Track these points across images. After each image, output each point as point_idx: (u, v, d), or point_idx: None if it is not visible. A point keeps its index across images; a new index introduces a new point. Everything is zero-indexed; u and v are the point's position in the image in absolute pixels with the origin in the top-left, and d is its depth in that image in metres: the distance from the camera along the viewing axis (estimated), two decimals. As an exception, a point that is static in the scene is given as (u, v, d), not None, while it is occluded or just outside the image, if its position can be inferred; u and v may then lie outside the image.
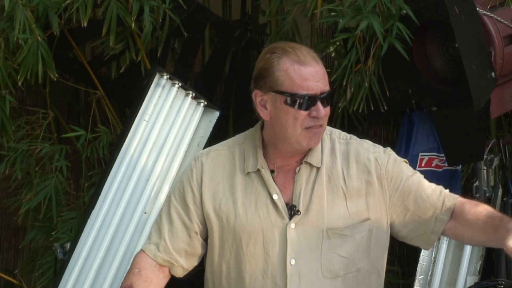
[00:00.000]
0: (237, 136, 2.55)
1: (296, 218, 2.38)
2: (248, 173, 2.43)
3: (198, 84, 4.13)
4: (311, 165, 2.42)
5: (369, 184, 2.42)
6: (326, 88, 2.38)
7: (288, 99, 2.35)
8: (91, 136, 3.83)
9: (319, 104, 2.35)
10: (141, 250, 2.51)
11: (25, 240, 4.14)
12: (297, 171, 2.42)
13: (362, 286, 2.43)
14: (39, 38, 3.56)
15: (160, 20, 3.77)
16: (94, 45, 4.21)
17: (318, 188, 2.40)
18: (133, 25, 3.67)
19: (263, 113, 2.41)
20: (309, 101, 2.34)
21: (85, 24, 3.64)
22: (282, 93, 2.35)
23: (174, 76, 3.48)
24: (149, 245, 2.49)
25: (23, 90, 3.94)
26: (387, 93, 3.64)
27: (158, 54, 3.89)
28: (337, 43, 3.79)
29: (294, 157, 2.44)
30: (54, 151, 3.85)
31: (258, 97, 2.41)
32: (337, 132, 2.52)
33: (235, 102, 4.29)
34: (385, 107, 3.66)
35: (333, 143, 2.48)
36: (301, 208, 2.38)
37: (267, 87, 2.38)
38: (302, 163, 2.42)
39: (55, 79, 3.79)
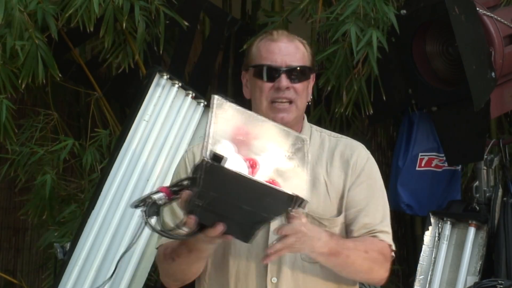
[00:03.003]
0: None
1: None
2: None
3: (194, 71, 4.17)
4: None
5: (345, 180, 2.45)
6: (294, 63, 2.42)
7: (255, 70, 2.43)
8: (77, 144, 3.84)
9: (282, 76, 2.40)
10: (157, 248, 2.50)
11: (40, 242, 4.09)
12: None
13: (340, 276, 2.44)
14: (36, 42, 3.56)
15: (153, 17, 3.77)
16: (94, 45, 4.21)
17: None
18: (124, 24, 3.67)
19: (246, 92, 2.50)
20: (271, 72, 2.41)
21: (92, 29, 3.65)
22: (252, 66, 2.45)
23: (174, 76, 3.49)
24: (160, 239, 2.49)
25: (23, 92, 3.93)
26: (383, 97, 3.64)
27: (161, 51, 3.89)
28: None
29: None
30: (52, 158, 3.85)
31: (244, 77, 2.51)
32: (327, 131, 2.57)
33: (231, 90, 4.34)
34: (371, 111, 3.68)
35: (323, 140, 2.52)
36: None
37: (246, 65, 2.49)
38: None
39: (58, 79, 3.79)
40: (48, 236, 3.85)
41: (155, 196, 2.17)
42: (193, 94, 3.47)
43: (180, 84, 3.45)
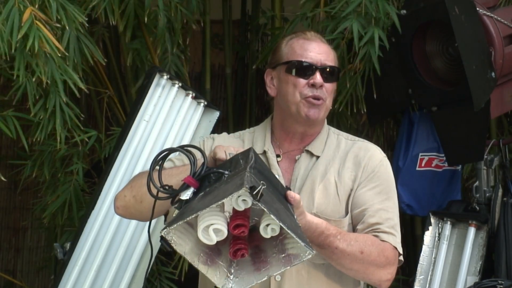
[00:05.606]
0: (247, 129, 2.64)
1: None
2: None
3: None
4: (311, 154, 2.50)
5: (354, 180, 2.47)
6: (328, 63, 2.48)
7: (288, 67, 2.47)
8: (103, 136, 3.83)
9: (317, 73, 2.45)
10: None
11: (60, 241, 4.05)
12: (297, 158, 2.50)
13: (344, 278, 2.44)
14: (81, 20, 3.38)
15: (173, 15, 3.75)
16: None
17: (313, 173, 2.47)
18: (145, 19, 3.65)
19: (271, 90, 2.54)
20: (307, 69, 2.46)
21: (115, 22, 3.63)
22: (284, 63, 2.49)
23: (174, 76, 3.49)
24: None
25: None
26: (374, 95, 3.64)
27: (174, 50, 3.88)
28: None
29: (300, 142, 2.51)
30: (72, 154, 3.82)
31: (268, 75, 2.55)
32: (345, 134, 2.60)
33: (231, 90, 4.35)
34: (365, 109, 3.68)
35: (339, 142, 2.55)
36: (295, 191, 2.42)
37: (274, 62, 2.53)
38: (303, 151, 2.50)
39: (104, 64, 3.74)
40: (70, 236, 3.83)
41: (186, 194, 2.12)
42: (193, 94, 3.47)
43: (180, 84, 3.45)
